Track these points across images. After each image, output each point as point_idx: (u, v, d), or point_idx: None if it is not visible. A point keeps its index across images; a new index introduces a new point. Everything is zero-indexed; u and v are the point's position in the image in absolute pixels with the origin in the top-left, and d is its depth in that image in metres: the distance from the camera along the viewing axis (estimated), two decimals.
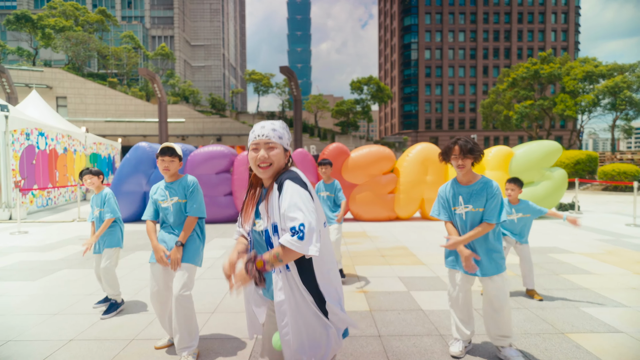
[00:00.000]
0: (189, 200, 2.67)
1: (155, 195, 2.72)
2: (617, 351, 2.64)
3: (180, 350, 2.48)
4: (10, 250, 6.04)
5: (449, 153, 2.44)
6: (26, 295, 3.91)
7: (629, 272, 4.57)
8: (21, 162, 10.39)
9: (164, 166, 2.63)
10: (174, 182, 2.71)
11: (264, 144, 1.49)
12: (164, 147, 2.60)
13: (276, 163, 1.50)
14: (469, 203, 2.44)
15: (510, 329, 2.46)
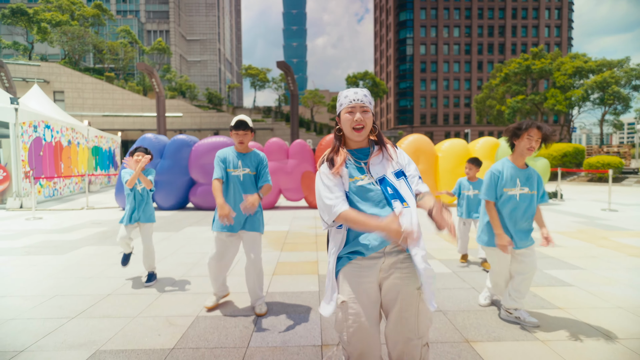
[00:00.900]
0: (264, 172, 2.90)
1: (227, 162, 2.86)
2: (565, 297, 3.21)
3: (256, 300, 2.97)
4: (31, 232, 6.50)
5: (526, 132, 2.47)
6: (58, 265, 4.41)
7: (593, 245, 5.15)
8: (30, 154, 10.79)
9: (239, 139, 2.81)
10: (246, 154, 2.90)
11: (359, 108, 1.57)
12: (238, 121, 2.75)
13: (368, 126, 1.60)
14: (525, 186, 2.58)
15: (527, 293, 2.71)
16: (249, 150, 2.92)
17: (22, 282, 3.78)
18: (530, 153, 2.51)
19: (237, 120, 2.76)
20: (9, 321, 2.82)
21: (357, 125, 1.56)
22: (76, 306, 3.11)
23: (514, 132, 2.54)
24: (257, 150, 2.96)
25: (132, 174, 3.45)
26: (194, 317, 2.89)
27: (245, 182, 2.85)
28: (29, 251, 5.10)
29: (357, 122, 1.55)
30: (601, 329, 2.61)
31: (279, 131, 37.98)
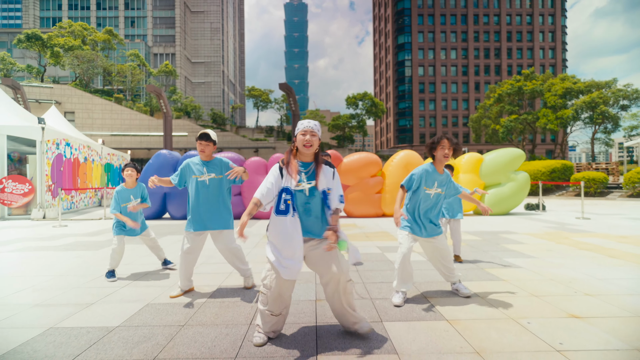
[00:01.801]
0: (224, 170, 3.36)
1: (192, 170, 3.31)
2: (512, 275, 4.02)
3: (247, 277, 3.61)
4: (62, 236, 7.34)
5: (438, 144, 3.07)
6: (98, 257, 5.24)
7: (553, 243, 5.95)
8: (52, 169, 11.73)
9: (200, 149, 3.27)
10: (209, 162, 3.35)
11: (309, 132, 2.33)
12: (202, 133, 3.26)
13: (315, 146, 2.36)
14: (440, 187, 3.18)
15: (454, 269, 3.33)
16: (211, 158, 3.37)
17: (74, 267, 4.61)
18: (446, 159, 3.08)
19: (201, 133, 3.26)
20: (74, 289, 3.64)
21: (307, 143, 2.33)
22: (123, 281, 3.94)
23: (431, 146, 3.14)
24: (220, 157, 3.42)
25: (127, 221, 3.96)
26: (216, 286, 3.70)
27: (211, 185, 3.29)
28: (68, 248, 5.93)
29: (307, 141, 2.32)
30: (531, 291, 3.42)
31: (280, 150, 39.09)
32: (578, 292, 3.39)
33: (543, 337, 2.43)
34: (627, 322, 2.67)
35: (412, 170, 9.83)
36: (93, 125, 35.81)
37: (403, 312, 2.96)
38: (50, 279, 4.03)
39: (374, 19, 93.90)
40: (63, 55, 39.45)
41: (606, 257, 4.82)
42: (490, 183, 10.35)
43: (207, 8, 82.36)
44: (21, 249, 5.83)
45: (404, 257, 3.13)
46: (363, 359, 2.18)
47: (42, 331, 2.63)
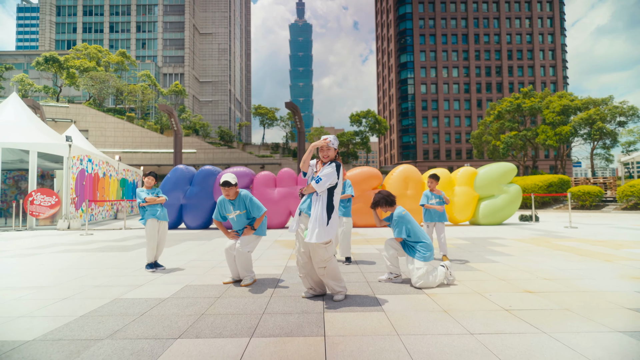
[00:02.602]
0: (253, 207, 4.03)
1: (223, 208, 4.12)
2: (489, 268, 4.73)
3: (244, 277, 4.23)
4: (92, 242, 8.13)
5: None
6: (131, 257, 6.01)
7: (534, 245, 6.63)
8: (76, 183, 12.64)
9: (225, 193, 3.97)
10: (234, 200, 4.05)
11: (325, 147, 3.35)
12: (224, 182, 3.90)
13: (331, 155, 3.34)
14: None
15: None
16: (235, 196, 4.05)
17: (116, 263, 5.39)
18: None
19: (223, 180, 3.91)
20: (121, 277, 4.41)
21: (324, 157, 3.39)
22: (160, 272, 4.70)
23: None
24: (241, 192, 4.06)
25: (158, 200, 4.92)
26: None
27: (238, 220, 4.08)
28: (103, 250, 6.72)
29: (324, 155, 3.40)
30: (500, 277, 4.13)
31: (286, 166, 40.07)
32: (538, 277, 4.10)
33: (497, 303, 3.15)
34: (569, 295, 3.37)
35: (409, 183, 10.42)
36: (106, 142, 37.14)
37: (392, 288, 3.69)
38: (101, 270, 4.80)
39: (377, 39, 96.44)
40: (78, 76, 41.25)
41: (575, 255, 5.51)
42: (484, 195, 11.06)
43: (215, 30, 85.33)
44: (64, 251, 6.63)
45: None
46: (358, 313, 2.91)
47: (110, 300, 3.39)
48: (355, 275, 4.39)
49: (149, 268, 4.75)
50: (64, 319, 2.89)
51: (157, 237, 4.83)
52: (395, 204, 4.08)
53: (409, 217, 3.97)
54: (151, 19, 76.08)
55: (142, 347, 2.30)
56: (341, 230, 5.31)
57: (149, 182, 5.03)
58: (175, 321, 2.79)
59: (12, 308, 3.19)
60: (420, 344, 2.31)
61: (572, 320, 2.71)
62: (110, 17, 75.49)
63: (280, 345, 2.31)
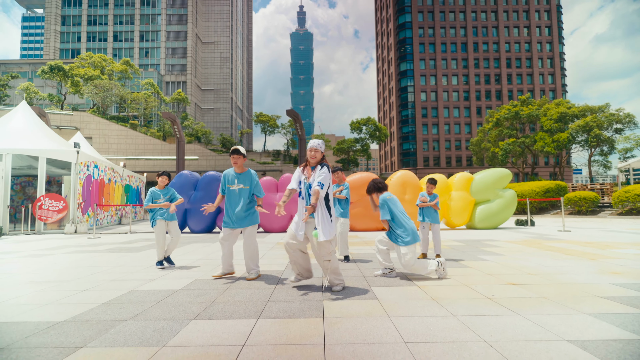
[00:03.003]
0: (257, 186, 4.36)
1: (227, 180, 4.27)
2: (479, 265, 5.02)
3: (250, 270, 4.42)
4: (101, 244, 8.44)
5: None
6: (141, 257, 6.32)
7: (525, 246, 6.92)
8: (83, 188, 12.98)
9: (234, 161, 4.18)
10: (241, 174, 4.29)
11: (314, 149, 3.62)
12: (233, 148, 4.19)
13: (317, 157, 3.62)
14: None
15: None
16: (244, 170, 4.22)
17: (127, 261, 5.69)
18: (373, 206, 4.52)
19: (233, 148, 4.17)
20: (134, 273, 4.72)
21: (311, 158, 3.66)
22: (170, 269, 5.01)
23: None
24: (250, 170, 4.23)
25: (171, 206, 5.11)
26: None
27: (240, 194, 4.20)
28: (113, 250, 7.02)
29: (311, 155, 3.67)
30: (488, 272, 4.42)
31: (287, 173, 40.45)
32: (524, 273, 4.40)
33: (482, 292, 3.45)
34: (548, 287, 3.67)
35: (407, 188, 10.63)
36: (109, 149, 37.60)
37: (386, 281, 3.99)
38: (114, 268, 5.11)
39: (377, 48, 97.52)
40: (83, 85, 41.90)
41: (562, 254, 5.80)
42: (480, 200, 11.36)
43: (217, 39, 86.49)
44: (75, 252, 6.94)
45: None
46: (354, 301, 3.21)
47: (127, 292, 3.70)
48: (353, 272, 4.69)
49: (159, 265, 5.06)
50: (88, 305, 3.20)
51: (165, 236, 5.13)
52: (385, 190, 4.40)
53: (394, 201, 4.26)
54: (154, 29, 77.25)
55: (162, 326, 2.61)
56: (339, 231, 5.55)
57: (162, 181, 5.22)
58: (189, 307, 3.10)
59: (39, 297, 3.50)
60: (408, 323, 2.62)
61: (546, 305, 3.01)
62: (114, 26, 76.69)
63: (284, 325, 2.62)
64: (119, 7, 77.18)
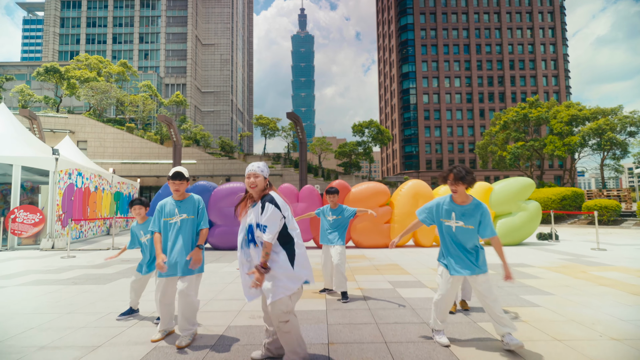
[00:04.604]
0: (202, 215, 3.23)
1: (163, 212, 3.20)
2: (531, 314, 3.87)
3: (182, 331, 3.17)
4: (71, 267, 7.31)
5: (446, 178, 2.99)
6: (105, 291, 5.18)
7: (570, 277, 5.76)
8: (63, 198, 11.86)
9: (174, 188, 3.17)
10: (182, 201, 3.23)
11: (252, 174, 2.62)
12: (174, 172, 3.18)
13: (259, 185, 2.62)
14: (460, 220, 2.98)
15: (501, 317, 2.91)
16: (185, 196, 3.25)
17: (80, 303, 4.55)
18: (454, 194, 2.98)
19: (173, 171, 3.16)
20: (80, 329, 3.58)
21: (251, 185, 2.64)
22: (128, 319, 3.86)
23: (443, 178, 3.06)
24: (193, 195, 3.27)
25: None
26: (225, 326, 3.61)
27: (182, 227, 3.17)
28: (75, 282, 5.89)
29: (250, 183, 2.64)
30: (553, 335, 3.27)
31: (288, 177, 39.30)
32: (603, 335, 3.24)
33: None
34: None
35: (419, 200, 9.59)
36: (104, 153, 36.54)
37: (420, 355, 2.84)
38: (57, 317, 3.97)
39: (379, 49, 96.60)
40: (79, 87, 40.89)
41: (628, 295, 4.64)
42: (500, 213, 10.20)
43: (217, 41, 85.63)
44: (28, 283, 5.80)
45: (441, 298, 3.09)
46: None
47: None
48: (368, 329, 3.53)
49: (124, 315, 3.90)
50: None
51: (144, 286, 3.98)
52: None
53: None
54: (154, 30, 76.44)
55: None
56: (335, 262, 4.49)
57: (139, 213, 3.95)
58: None
59: None
60: None
61: None
62: (114, 28, 75.92)
63: None
64: (118, 9, 76.45)
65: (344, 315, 3.93)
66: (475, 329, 3.44)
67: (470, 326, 3.54)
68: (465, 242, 3.01)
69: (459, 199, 2.99)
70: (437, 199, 3.16)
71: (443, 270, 3.09)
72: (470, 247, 3.02)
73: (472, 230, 2.97)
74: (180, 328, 3.15)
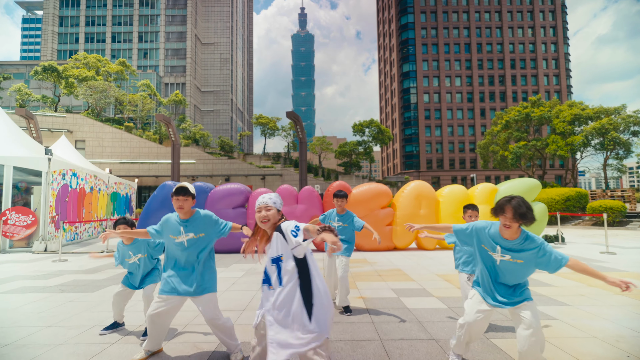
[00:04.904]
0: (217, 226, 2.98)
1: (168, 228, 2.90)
2: (552, 333, 3.58)
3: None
4: (61, 272, 7.02)
5: (501, 210, 2.42)
6: (92, 300, 4.89)
7: (583, 285, 5.47)
8: (57, 200, 11.58)
9: (178, 205, 2.84)
10: (188, 220, 2.90)
11: (264, 207, 2.29)
12: (178, 187, 2.84)
13: (272, 219, 2.28)
14: (507, 254, 2.47)
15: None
16: (190, 214, 2.92)
17: (63, 314, 4.26)
18: (505, 230, 2.43)
19: (177, 187, 2.83)
20: (59, 346, 3.29)
21: (263, 219, 2.29)
22: (113, 334, 3.57)
23: (495, 209, 2.49)
24: (199, 210, 2.96)
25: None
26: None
27: (189, 247, 2.89)
28: (62, 289, 5.60)
29: (262, 217, 2.29)
30: (575, 355, 2.98)
31: (287, 177, 38.99)
32: (631, 356, 2.95)
33: None
34: None
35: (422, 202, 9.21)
36: (103, 153, 36.26)
37: None
38: (36, 332, 3.68)
39: (379, 49, 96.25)
40: (77, 86, 40.60)
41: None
42: None
43: (217, 40, 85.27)
44: (13, 290, 5.51)
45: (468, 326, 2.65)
46: None
47: None
48: (372, 347, 3.24)
49: (106, 330, 3.62)
50: None
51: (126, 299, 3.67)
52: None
53: None
54: (153, 29, 76.08)
55: None
56: (339, 274, 4.23)
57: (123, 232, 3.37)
58: None
59: None
60: None
61: None
62: (113, 27, 75.55)
63: None
64: (117, 7, 76.09)
65: (345, 330, 3.64)
66: (488, 347, 3.15)
67: (482, 343, 3.25)
68: (510, 279, 2.52)
69: (507, 234, 2.46)
70: (480, 223, 2.65)
71: (476, 295, 2.66)
72: (513, 284, 2.54)
73: (522, 265, 2.45)
74: (228, 347, 3.02)
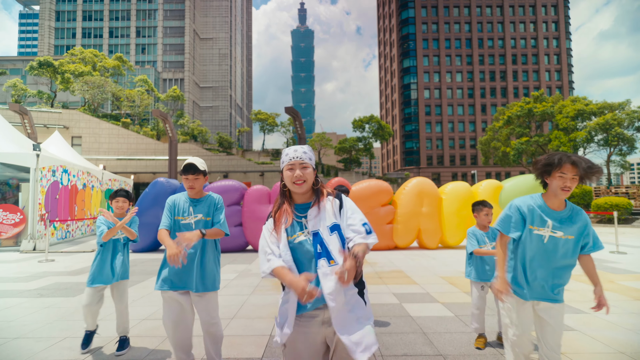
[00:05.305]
0: (217, 215, 2.63)
1: (177, 209, 2.61)
2: (567, 342, 3.22)
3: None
4: (44, 274, 6.67)
5: (558, 168, 2.00)
6: (70, 307, 4.54)
7: None
8: (47, 197, 11.21)
9: (189, 185, 2.55)
10: (199, 200, 2.64)
11: (298, 165, 1.69)
12: (186, 165, 2.52)
13: (309, 180, 1.71)
14: (559, 230, 2.08)
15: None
16: (202, 195, 2.66)
17: (34, 324, 3.91)
18: (565, 194, 2.01)
19: (185, 164, 2.53)
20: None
21: (297, 180, 1.68)
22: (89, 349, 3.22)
23: (543, 169, 2.08)
24: (212, 193, 2.71)
25: (112, 227, 3.05)
26: None
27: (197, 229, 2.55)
28: (41, 293, 5.24)
29: (297, 177, 1.67)
30: None
31: None
32: None
33: None
34: None
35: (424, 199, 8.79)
36: (99, 149, 35.85)
37: None
38: (3, 344, 3.33)
39: (379, 44, 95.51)
40: (73, 81, 40.10)
41: None
42: None
43: (215, 35, 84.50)
44: None
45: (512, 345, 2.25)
46: None
47: None
48: None
49: (84, 347, 3.14)
50: None
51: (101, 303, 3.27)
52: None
53: None
54: (151, 24, 75.37)
55: None
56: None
57: (120, 209, 3.27)
58: None
59: None
60: None
61: None
62: (110, 22, 74.81)
63: None
64: (114, 2, 75.30)
65: None
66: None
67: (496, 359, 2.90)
68: (557, 259, 2.12)
69: (556, 202, 2.08)
70: (521, 199, 2.23)
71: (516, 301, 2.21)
72: (561, 265, 2.14)
73: (571, 241, 2.08)
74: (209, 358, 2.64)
